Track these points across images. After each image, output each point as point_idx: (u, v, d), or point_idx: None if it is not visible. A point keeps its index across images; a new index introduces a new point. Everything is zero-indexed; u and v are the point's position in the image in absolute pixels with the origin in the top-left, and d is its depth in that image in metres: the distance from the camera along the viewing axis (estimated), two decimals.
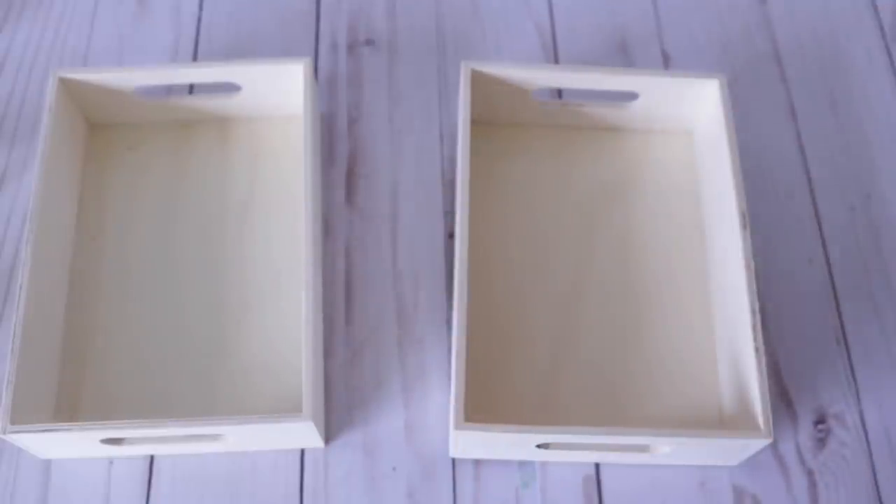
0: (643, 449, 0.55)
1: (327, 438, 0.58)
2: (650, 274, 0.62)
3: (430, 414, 0.59)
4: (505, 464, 0.58)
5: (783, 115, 0.70)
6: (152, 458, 0.58)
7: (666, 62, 0.72)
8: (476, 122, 0.64)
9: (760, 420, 0.52)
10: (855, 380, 0.61)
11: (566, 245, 0.63)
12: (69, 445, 0.55)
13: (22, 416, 0.53)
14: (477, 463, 0.58)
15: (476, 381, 0.58)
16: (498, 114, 0.66)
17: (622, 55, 0.72)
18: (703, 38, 0.73)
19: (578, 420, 0.58)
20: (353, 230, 0.65)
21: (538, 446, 0.54)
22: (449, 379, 0.59)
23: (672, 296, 0.62)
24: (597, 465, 0.58)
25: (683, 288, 0.62)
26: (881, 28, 0.73)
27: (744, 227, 0.57)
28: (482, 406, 0.58)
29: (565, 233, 0.63)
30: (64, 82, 0.62)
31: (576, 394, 0.59)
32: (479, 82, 0.62)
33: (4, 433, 0.52)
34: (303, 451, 0.58)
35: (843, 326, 0.62)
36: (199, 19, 0.73)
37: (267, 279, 0.62)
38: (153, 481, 0.57)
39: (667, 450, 0.54)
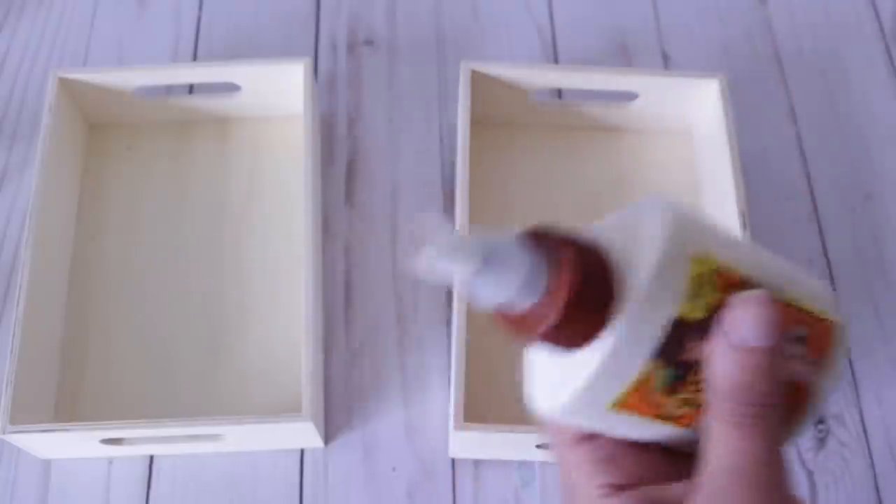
0: None
1: (327, 438, 0.58)
2: None
3: (430, 414, 0.59)
4: (505, 464, 0.58)
5: (783, 115, 0.70)
6: (152, 457, 0.58)
7: (666, 62, 0.72)
8: (476, 122, 0.64)
9: None
10: (855, 380, 0.61)
11: None
12: (69, 445, 0.55)
13: (21, 415, 0.53)
14: (477, 463, 0.58)
15: (476, 380, 0.58)
16: (498, 114, 0.66)
17: (622, 55, 0.72)
18: (703, 39, 0.73)
19: None
20: (353, 230, 0.65)
21: (538, 446, 0.54)
22: (449, 379, 0.59)
23: None
24: None
25: None
26: (881, 29, 0.73)
27: (744, 227, 0.57)
28: (482, 406, 0.57)
29: None
30: (64, 82, 0.62)
31: None
32: (479, 82, 0.62)
33: (4, 433, 0.52)
34: (302, 451, 0.58)
35: None
36: (199, 19, 0.73)
37: (266, 279, 0.62)
38: (153, 481, 0.57)
39: None
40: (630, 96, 0.64)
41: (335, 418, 0.59)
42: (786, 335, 0.29)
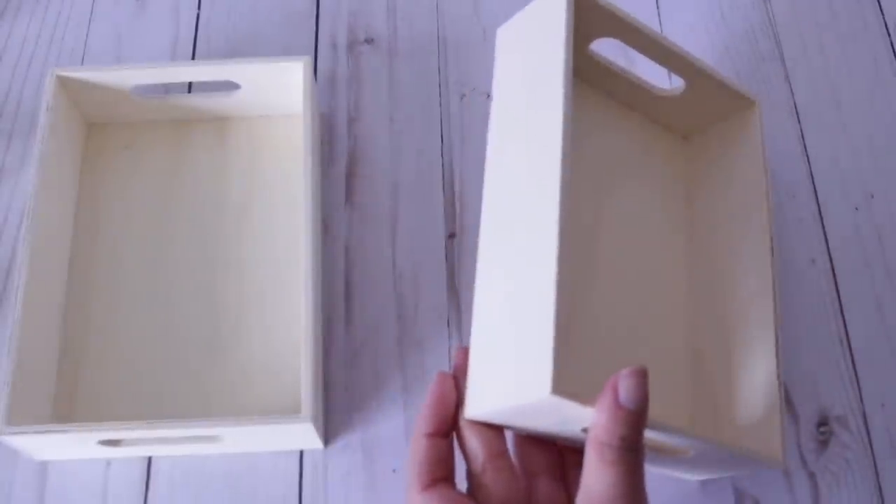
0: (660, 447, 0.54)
1: (326, 439, 0.58)
2: (658, 280, 0.61)
3: None
4: None
5: (786, 114, 0.69)
6: (150, 459, 0.58)
7: (627, 54, 0.71)
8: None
9: (778, 448, 0.50)
10: (858, 382, 0.60)
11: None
12: (66, 447, 0.55)
13: (19, 417, 0.53)
14: None
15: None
16: None
17: (623, 55, 0.71)
18: (704, 38, 0.73)
19: None
20: (353, 230, 0.64)
21: None
22: None
23: (681, 315, 0.60)
24: None
25: (688, 297, 0.61)
26: (885, 27, 0.73)
27: (771, 252, 0.55)
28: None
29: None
30: (62, 80, 0.62)
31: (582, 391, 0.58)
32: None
33: (1, 434, 0.52)
34: (302, 453, 0.58)
35: (846, 327, 0.62)
36: (198, 17, 0.73)
37: (266, 279, 0.61)
38: (151, 482, 0.57)
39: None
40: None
41: (335, 419, 0.59)
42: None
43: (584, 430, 0.43)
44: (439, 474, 0.44)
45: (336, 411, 0.59)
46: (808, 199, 0.66)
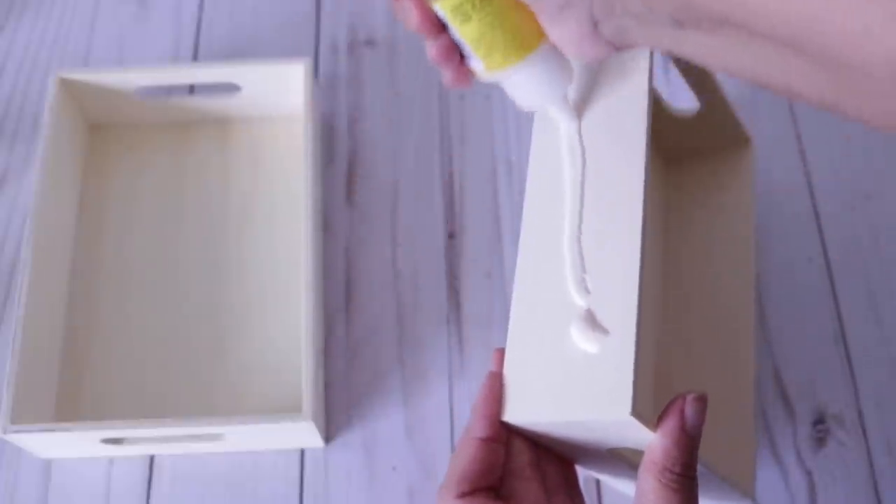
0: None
1: (327, 438, 0.59)
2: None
3: (430, 413, 0.59)
4: None
5: (783, 114, 0.70)
6: (152, 457, 0.58)
7: (665, 62, 0.72)
8: None
9: (751, 482, 0.50)
10: (854, 380, 0.61)
11: None
12: (69, 445, 0.56)
13: (22, 415, 0.53)
14: None
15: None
16: None
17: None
18: None
19: None
20: (353, 230, 0.65)
21: None
22: (449, 378, 0.60)
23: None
24: None
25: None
26: None
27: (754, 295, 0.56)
28: None
29: None
30: (64, 83, 0.62)
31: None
32: None
33: (5, 433, 0.52)
34: (303, 451, 0.58)
35: (842, 326, 0.62)
36: (200, 20, 0.73)
37: (267, 279, 0.62)
38: (153, 481, 0.57)
39: None
40: None
41: (335, 418, 0.59)
42: None
43: (609, 450, 0.42)
44: (483, 483, 0.39)
45: (336, 410, 0.59)
46: (804, 198, 0.66)
